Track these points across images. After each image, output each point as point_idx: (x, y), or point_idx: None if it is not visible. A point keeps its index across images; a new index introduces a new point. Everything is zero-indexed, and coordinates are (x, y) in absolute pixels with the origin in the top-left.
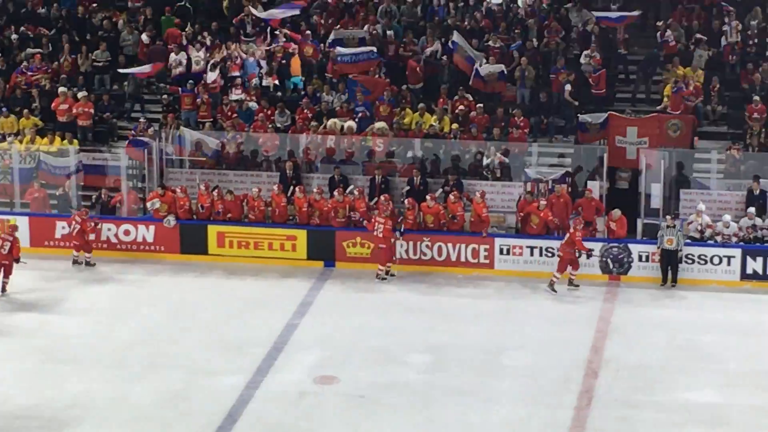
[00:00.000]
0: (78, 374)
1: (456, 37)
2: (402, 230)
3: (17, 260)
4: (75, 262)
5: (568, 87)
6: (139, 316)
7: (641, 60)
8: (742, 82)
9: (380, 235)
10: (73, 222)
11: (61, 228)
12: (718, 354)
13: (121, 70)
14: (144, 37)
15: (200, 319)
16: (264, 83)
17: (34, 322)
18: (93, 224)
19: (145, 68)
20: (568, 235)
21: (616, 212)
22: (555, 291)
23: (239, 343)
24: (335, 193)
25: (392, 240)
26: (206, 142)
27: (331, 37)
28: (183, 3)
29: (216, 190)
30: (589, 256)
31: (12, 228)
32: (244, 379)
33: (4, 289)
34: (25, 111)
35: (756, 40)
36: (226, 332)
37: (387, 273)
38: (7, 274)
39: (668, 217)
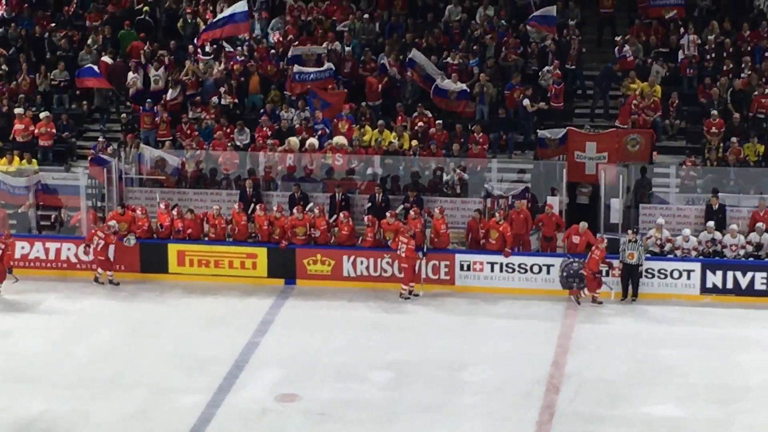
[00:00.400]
0: (39, 393)
1: (414, 54)
2: (425, 250)
3: (9, 270)
4: (97, 280)
5: (526, 102)
6: (100, 334)
7: (597, 75)
8: (700, 97)
9: (403, 255)
10: (96, 237)
11: (20, 248)
12: (678, 368)
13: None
14: (106, 58)
15: (161, 337)
16: (223, 102)
17: None
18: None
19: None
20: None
21: (584, 225)
22: (579, 303)
23: (201, 362)
24: (295, 210)
25: (416, 260)
26: (166, 161)
27: (290, 53)
28: (143, 17)
29: (176, 209)
30: (599, 274)
31: (5, 236)
32: (206, 397)
33: None
34: None
35: (713, 55)
36: (188, 351)
37: (410, 292)
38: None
39: (630, 231)
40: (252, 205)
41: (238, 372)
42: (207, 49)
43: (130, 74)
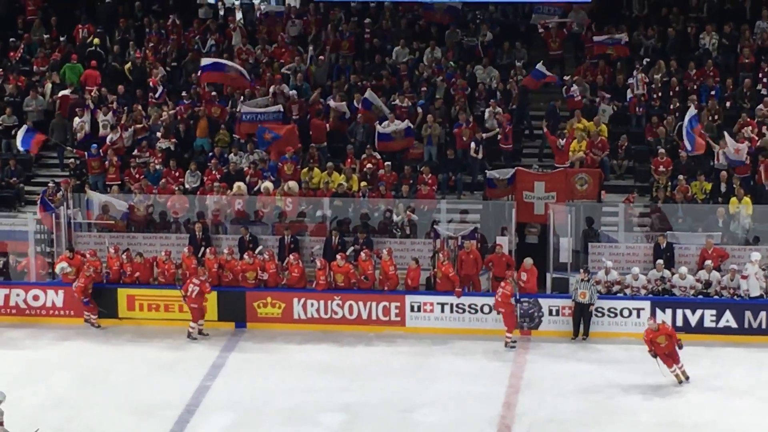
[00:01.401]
0: None
1: (369, 95)
2: (518, 297)
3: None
4: (190, 335)
5: (473, 145)
6: (50, 381)
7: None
8: (647, 136)
9: (499, 299)
10: (191, 285)
11: None
12: (629, 406)
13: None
14: (66, 91)
15: (111, 383)
16: (163, 146)
17: None
18: None
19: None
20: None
21: (528, 261)
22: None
23: (151, 407)
24: (245, 255)
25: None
26: (114, 205)
27: (239, 109)
28: (94, 48)
29: (125, 253)
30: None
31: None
32: None
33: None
34: None
35: (660, 94)
36: (138, 396)
37: (513, 341)
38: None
39: (581, 270)
40: (202, 248)
41: (189, 416)
42: (158, 93)
43: (77, 119)
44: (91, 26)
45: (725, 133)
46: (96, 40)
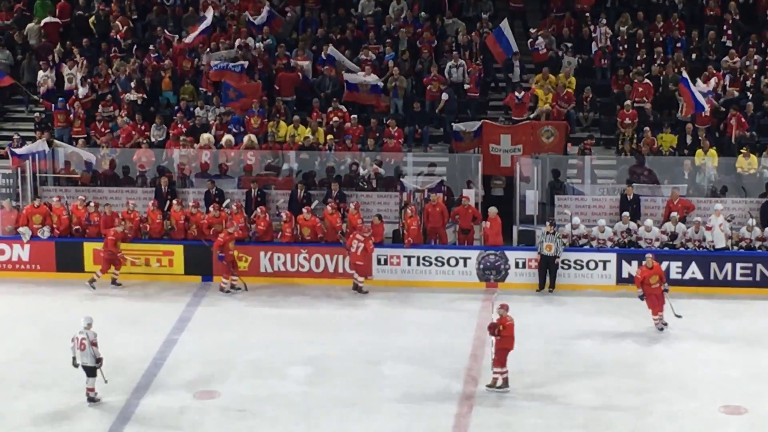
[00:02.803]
0: None
1: (331, 50)
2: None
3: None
4: (357, 288)
5: (445, 96)
6: (16, 335)
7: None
8: (613, 88)
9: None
10: (355, 241)
11: None
12: (595, 357)
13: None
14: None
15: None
16: (131, 98)
17: None
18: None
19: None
20: None
21: (492, 210)
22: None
23: (117, 361)
24: (210, 208)
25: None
26: (81, 157)
27: (204, 60)
28: None
29: (92, 203)
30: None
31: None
32: (124, 397)
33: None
34: None
35: (626, 46)
36: (104, 350)
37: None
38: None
39: (547, 223)
40: (168, 202)
41: (156, 370)
42: (122, 46)
43: (41, 73)
44: None
45: (697, 80)
46: None
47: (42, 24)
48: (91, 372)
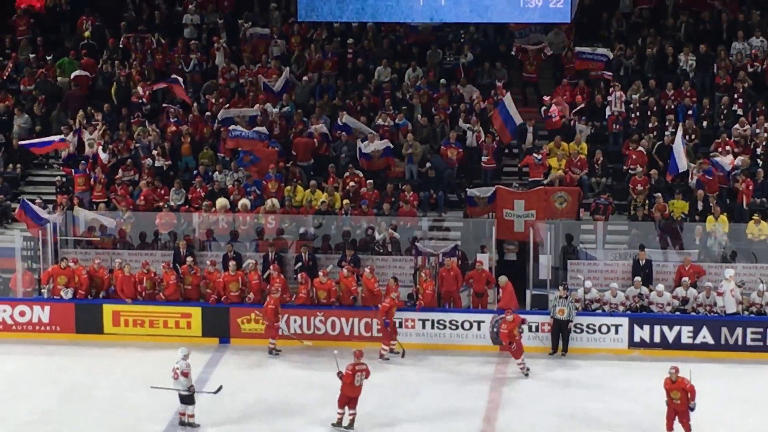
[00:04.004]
0: None
1: (346, 119)
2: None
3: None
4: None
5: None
6: (35, 396)
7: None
8: (624, 152)
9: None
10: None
11: None
12: (607, 420)
13: (21, 143)
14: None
15: (97, 398)
16: (157, 164)
17: None
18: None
19: (49, 140)
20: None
21: (502, 279)
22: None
23: (136, 422)
24: (229, 265)
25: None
26: (102, 222)
27: (221, 115)
28: (87, 41)
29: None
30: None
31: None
32: None
33: None
34: None
35: (638, 113)
36: (123, 411)
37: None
38: None
39: (560, 287)
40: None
41: (173, 431)
42: (144, 111)
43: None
44: (93, 19)
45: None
46: (87, 33)
47: (72, 77)
48: (183, 399)
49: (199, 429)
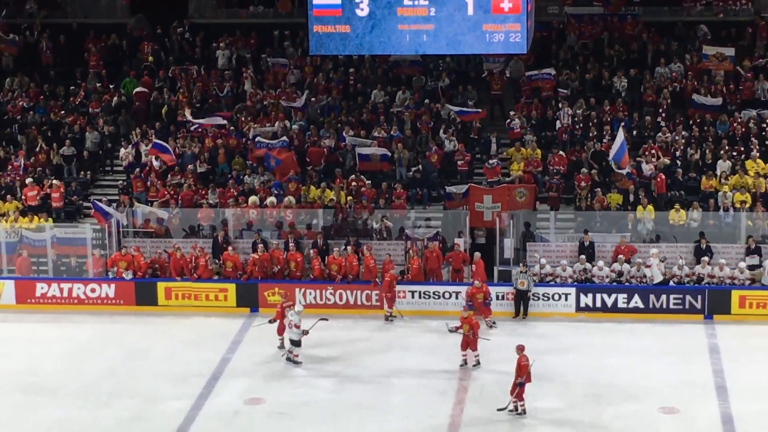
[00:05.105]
0: (56, 404)
1: (348, 139)
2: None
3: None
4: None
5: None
6: (105, 356)
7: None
8: (570, 157)
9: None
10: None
11: (41, 287)
12: (559, 370)
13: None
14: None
15: (152, 357)
16: (199, 169)
17: (18, 363)
18: None
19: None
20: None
21: (477, 254)
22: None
23: (184, 375)
24: (258, 248)
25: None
26: (155, 215)
27: (252, 133)
28: (149, 63)
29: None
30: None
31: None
32: (189, 403)
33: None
34: (8, 196)
35: (581, 125)
36: (174, 366)
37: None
38: None
39: (521, 264)
40: (223, 250)
41: (215, 382)
42: (191, 128)
43: (123, 150)
44: (153, 44)
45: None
46: (150, 58)
47: (134, 93)
48: (293, 343)
49: (236, 378)
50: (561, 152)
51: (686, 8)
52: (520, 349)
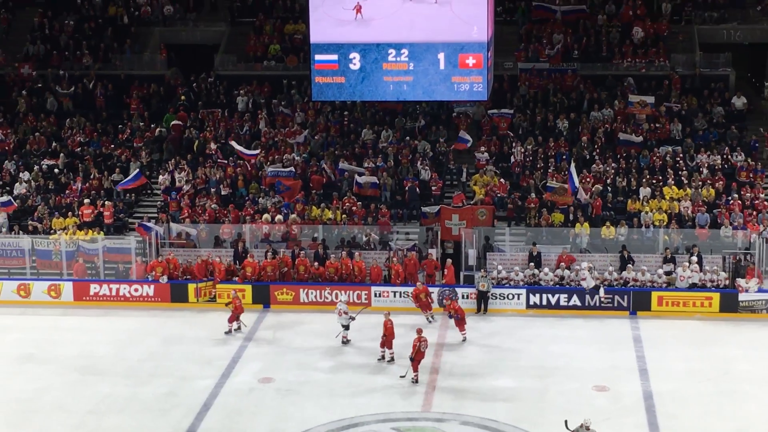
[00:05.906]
0: (105, 382)
1: (342, 165)
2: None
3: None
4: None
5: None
6: (145, 343)
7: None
8: (522, 183)
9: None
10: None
11: (94, 288)
12: (512, 355)
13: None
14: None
15: (184, 344)
16: (223, 193)
17: (76, 348)
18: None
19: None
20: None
21: (448, 261)
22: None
23: (210, 359)
24: (267, 256)
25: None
26: (187, 231)
27: (268, 168)
28: (182, 101)
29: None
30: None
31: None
32: (213, 381)
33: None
34: (69, 214)
35: (531, 159)
36: (201, 351)
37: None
38: None
39: (482, 270)
40: (243, 257)
41: (234, 364)
42: (218, 160)
43: (161, 177)
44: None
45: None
46: (183, 97)
47: (171, 125)
48: (343, 326)
49: (251, 362)
50: (502, 179)
51: (615, 64)
52: (419, 331)
